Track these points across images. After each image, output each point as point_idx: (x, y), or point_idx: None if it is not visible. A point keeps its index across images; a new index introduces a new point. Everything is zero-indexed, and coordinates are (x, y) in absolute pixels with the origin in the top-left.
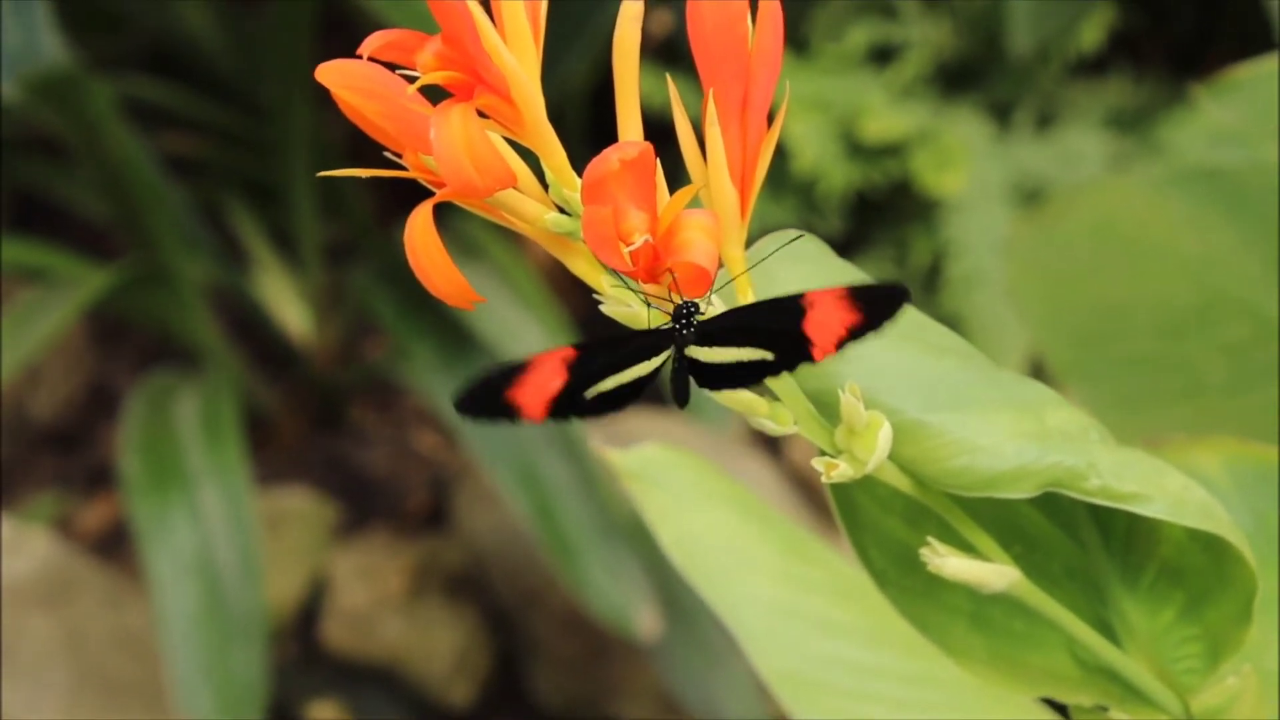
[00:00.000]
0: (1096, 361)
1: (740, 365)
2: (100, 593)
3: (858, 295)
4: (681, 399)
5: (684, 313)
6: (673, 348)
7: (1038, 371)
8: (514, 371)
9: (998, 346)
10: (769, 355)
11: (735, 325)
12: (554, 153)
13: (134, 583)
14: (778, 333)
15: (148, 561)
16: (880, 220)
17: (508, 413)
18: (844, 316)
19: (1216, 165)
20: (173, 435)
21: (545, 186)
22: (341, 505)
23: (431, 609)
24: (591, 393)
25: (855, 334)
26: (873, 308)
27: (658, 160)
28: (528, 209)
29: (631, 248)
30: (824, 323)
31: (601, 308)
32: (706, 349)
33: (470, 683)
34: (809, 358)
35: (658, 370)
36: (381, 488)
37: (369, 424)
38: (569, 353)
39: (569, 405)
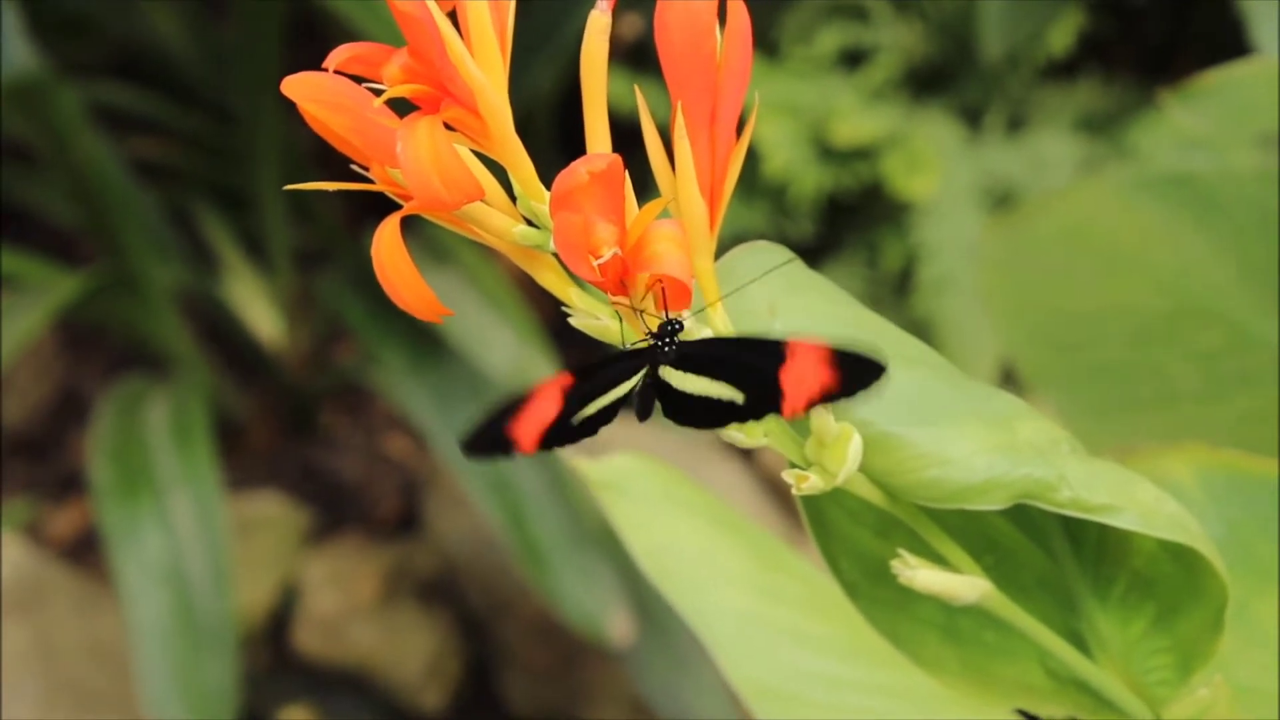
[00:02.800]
0: (1067, 368)
1: (708, 402)
2: (71, 599)
3: (839, 358)
4: (643, 414)
5: (668, 330)
6: (648, 366)
7: (1008, 377)
8: (516, 405)
9: (969, 351)
10: (738, 397)
11: (715, 354)
12: (521, 165)
13: (105, 589)
14: (753, 372)
15: (118, 568)
16: (851, 224)
17: (506, 448)
18: (821, 376)
19: (1187, 171)
20: (143, 441)
21: (513, 199)
22: (312, 511)
23: (403, 615)
24: (578, 418)
25: (828, 398)
26: (851, 375)
27: (626, 171)
28: (495, 222)
29: (600, 260)
30: (801, 377)
31: (570, 320)
32: (680, 374)
33: (442, 689)
34: (777, 410)
35: (632, 390)
36: (352, 493)
37: (340, 429)
38: (567, 379)
39: (557, 434)
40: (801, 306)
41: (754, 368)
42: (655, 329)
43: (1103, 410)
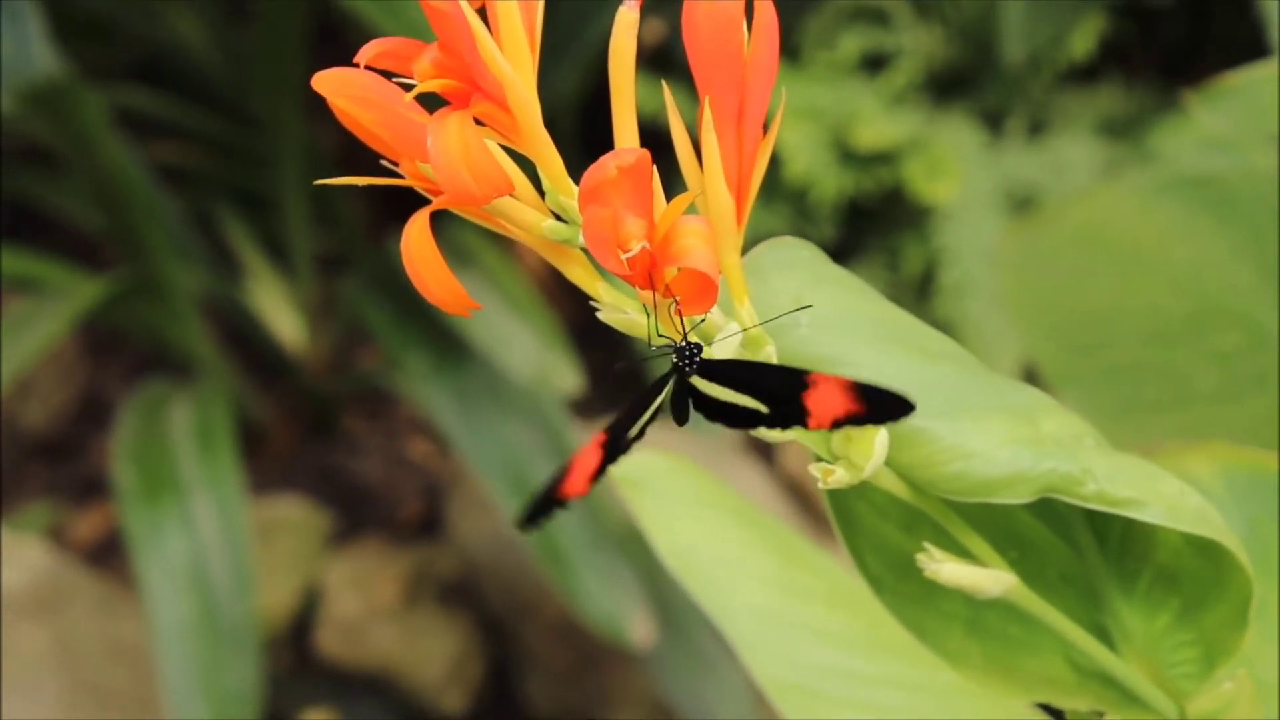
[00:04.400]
0: (1087, 369)
1: (742, 410)
2: (93, 602)
3: (864, 392)
4: (681, 420)
5: (687, 354)
6: (675, 379)
7: (1030, 379)
8: (561, 477)
9: (990, 354)
10: (764, 409)
11: (738, 376)
12: (551, 160)
13: (127, 592)
14: (778, 395)
15: (140, 571)
16: (872, 228)
17: (561, 506)
18: (846, 403)
19: (1206, 173)
20: (166, 445)
21: (542, 194)
22: (334, 514)
23: (424, 617)
24: (620, 446)
25: (853, 421)
26: (876, 408)
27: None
28: (525, 216)
29: (629, 254)
30: (824, 401)
31: (599, 315)
32: (708, 383)
33: (463, 691)
34: (803, 424)
35: (662, 404)
36: (374, 496)
37: (361, 433)
38: (602, 437)
39: (606, 466)
40: (827, 300)
41: (778, 392)
42: (678, 343)
43: (1121, 410)
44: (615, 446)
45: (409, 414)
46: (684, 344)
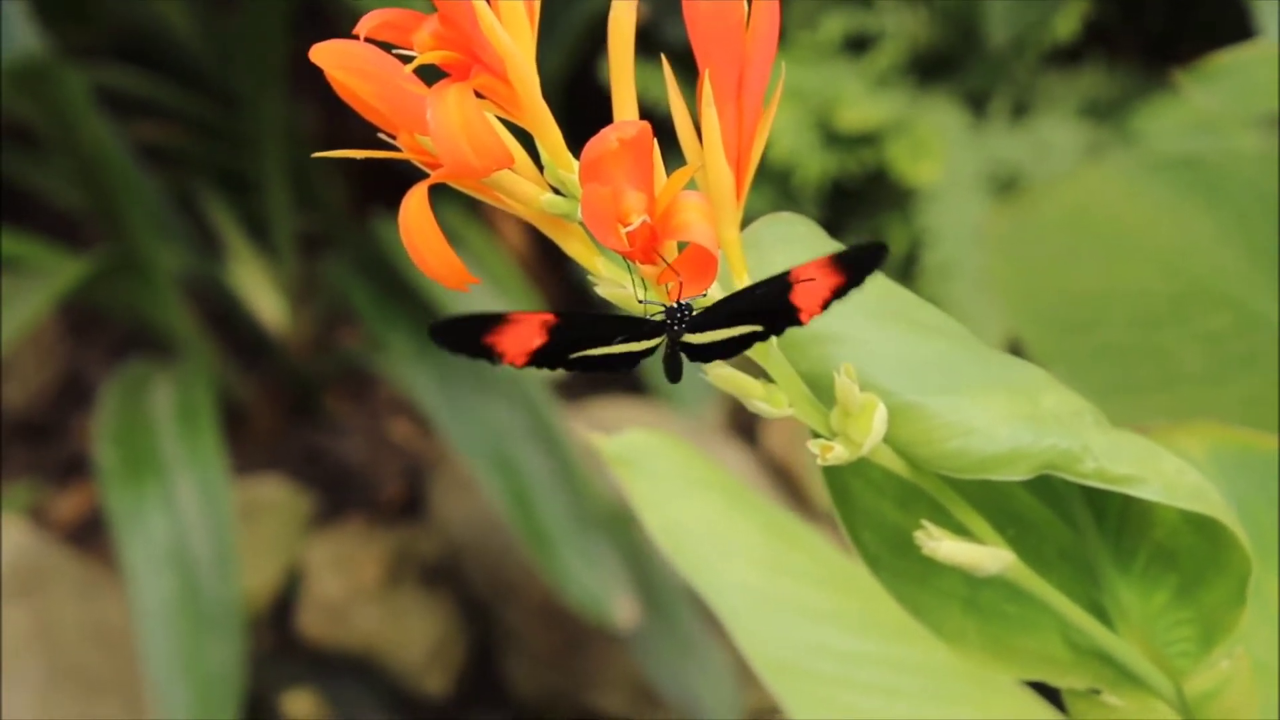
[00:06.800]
0: (1073, 351)
1: (734, 339)
2: (74, 583)
3: (840, 259)
4: (674, 377)
5: (678, 315)
6: (665, 337)
7: None
8: (492, 321)
9: (974, 335)
10: (758, 328)
11: (727, 313)
12: (550, 133)
13: (109, 573)
14: (766, 309)
15: (122, 552)
16: (856, 209)
17: (486, 352)
18: (829, 280)
19: (1192, 154)
20: (148, 425)
21: (540, 167)
22: (317, 495)
23: (407, 599)
24: (576, 355)
25: (839, 293)
26: (856, 266)
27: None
28: (523, 190)
29: (629, 228)
30: (809, 290)
31: (596, 289)
32: (698, 334)
33: (446, 672)
34: (797, 322)
35: (652, 350)
36: (357, 477)
37: (344, 413)
38: (549, 318)
39: (546, 357)
40: None
41: (764, 305)
42: (668, 305)
43: (1108, 391)
44: (561, 344)
45: (391, 395)
46: (675, 304)
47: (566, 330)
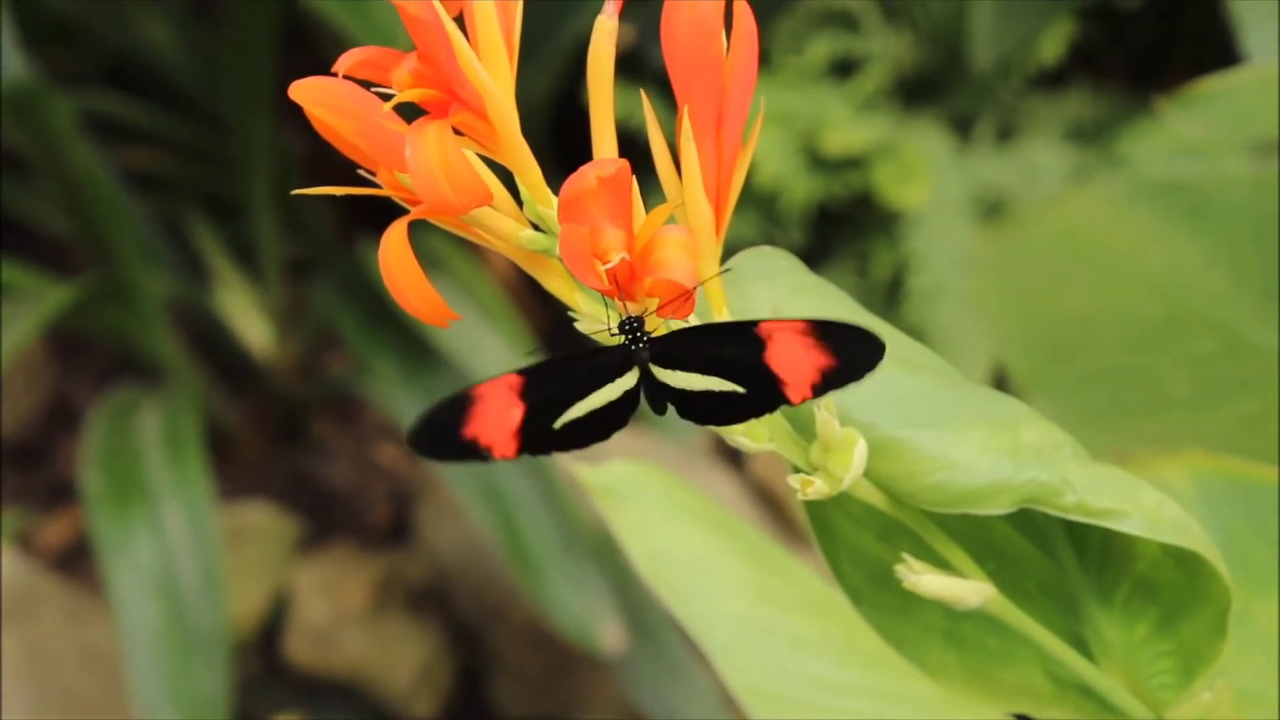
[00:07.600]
0: (1061, 375)
1: (718, 398)
2: (61, 609)
3: (822, 332)
4: (659, 409)
5: (630, 326)
6: (636, 368)
7: (1001, 385)
8: (462, 404)
9: (960, 359)
10: (739, 389)
11: (691, 347)
12: (529, 170)
13: (95, 598)
14: (741, 365)
15: (109, 577)
16: (842, 233)
17: (472, 451)
18: (815, 358)
19: (1179, 179)
20: (134, 450)
21: (520, 203)
22: (303, 520)
23: (394, 623)
24: (561, 421)
25: (831, 380)
26: (848, 353)
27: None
28: (503, 226)
29: (608, 266)
30: (791, 360)
31: (576, 325)
32: (669, 372)
33: (433, 697)
34: (785, 400)
35: (636, 394)
36: (343, 502)
37: (330, 438)
38: (514, 379)
39: (540, 437)
40: (806, 309)
41: (738, 359)
42: (622, 319)
43: (1096, 416)
44: (541, 405)
45: (378, 419)
46: (627, 318)
47: (538, 386)
